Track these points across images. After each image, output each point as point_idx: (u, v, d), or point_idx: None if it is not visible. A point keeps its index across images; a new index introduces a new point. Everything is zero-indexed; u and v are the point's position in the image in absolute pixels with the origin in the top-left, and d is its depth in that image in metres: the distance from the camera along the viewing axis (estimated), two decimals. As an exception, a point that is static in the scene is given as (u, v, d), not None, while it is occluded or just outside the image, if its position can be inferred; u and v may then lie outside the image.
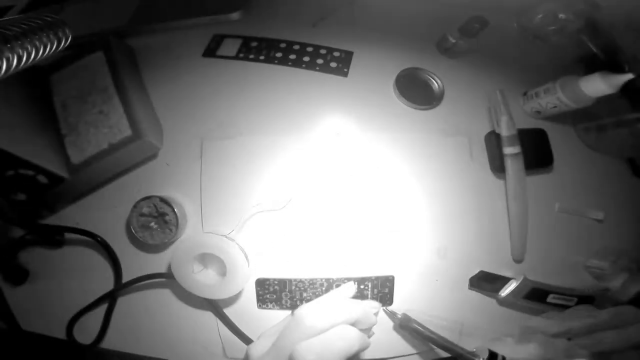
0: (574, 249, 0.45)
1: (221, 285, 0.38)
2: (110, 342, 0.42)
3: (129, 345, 0.42)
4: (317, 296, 0.40)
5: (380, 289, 0.41)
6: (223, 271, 0.38)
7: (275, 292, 0.41)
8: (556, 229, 0.45)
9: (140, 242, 0.42)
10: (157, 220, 0.41)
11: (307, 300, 0.41)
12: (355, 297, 0.36)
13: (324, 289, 0.41)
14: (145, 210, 0.41)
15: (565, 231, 0.45)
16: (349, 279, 0.41)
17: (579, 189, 0.47)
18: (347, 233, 0.43)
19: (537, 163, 0.46)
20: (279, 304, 0.41)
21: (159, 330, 0.42)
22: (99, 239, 0.42)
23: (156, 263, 0.42)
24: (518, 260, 0.44)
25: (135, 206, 0.41)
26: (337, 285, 0.40)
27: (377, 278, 0.41)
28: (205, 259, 0.40)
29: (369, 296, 0.41)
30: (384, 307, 0.40)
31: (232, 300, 0.41)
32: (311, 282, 0.41)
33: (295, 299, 0.41)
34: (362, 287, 0.41)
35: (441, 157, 0.46)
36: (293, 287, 0.41)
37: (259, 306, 0.41)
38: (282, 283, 0.41)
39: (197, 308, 0.42)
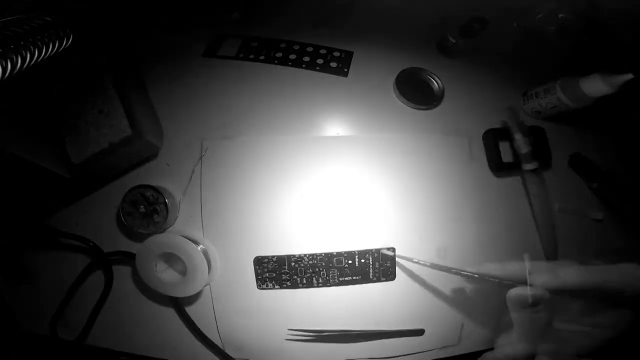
0: (573, 249, 0.45)
1: (181, 284, 0.39)
2: (110, 341, 0.43)
3: (121, 345, 0.43)
4: (316, 273, 0.40)
5: (382, 263, 0.41)
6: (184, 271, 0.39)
7: (274, 270, 0.40)
8: (558, 225, 0.45)
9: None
10: (147, 209, 0.41)
11: (308, 278, 0.40)
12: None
13: (323, 264, 0.40)
14: (139, 197, 0.41)
15: (565, 231, 0.45)
16: (348, 253, 0.40)
17: (578, 189, 0.47)
18: (346, 233, 0.43)
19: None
20: (278, 282, 0.41)
21: (162, 330, 0.43)
22: (90, 244, 0.42)
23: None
24: (552, 259, 0.44)
25: (130, 190, 0.41)
26: (337, 260, 0.40)
27: (377, 250, 0.41)
28: (171, 258, 0.41)
29: (371, 272, 0.41)
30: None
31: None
32: (311, 257, 0.40)
33: (294, 277, 0.41)
34: (362, 260, 0.40)
35: (441, 157, 0.46)
36: (292, 264, 0.40)
37: (259, 286, 0.41)
38: (281, 260, 0.40)
39: (197, 305, 0.42)
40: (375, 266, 0.41)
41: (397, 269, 0.42)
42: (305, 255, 0.40)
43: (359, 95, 0.49)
